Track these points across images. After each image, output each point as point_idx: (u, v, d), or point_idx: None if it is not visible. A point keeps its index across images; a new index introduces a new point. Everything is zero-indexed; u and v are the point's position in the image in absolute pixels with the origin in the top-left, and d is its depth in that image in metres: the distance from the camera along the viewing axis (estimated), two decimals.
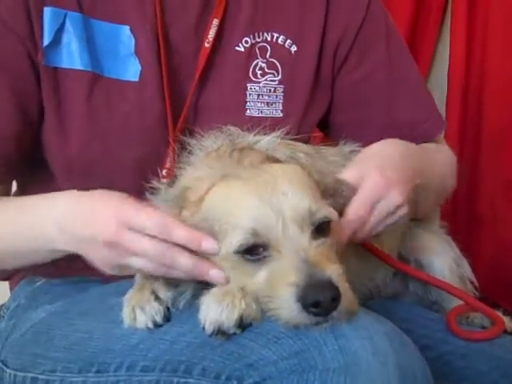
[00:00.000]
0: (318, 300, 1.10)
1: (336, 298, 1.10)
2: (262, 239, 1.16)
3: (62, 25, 1.44)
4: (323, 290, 1.10)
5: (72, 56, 1.45)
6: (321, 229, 1.20)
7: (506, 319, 1.51)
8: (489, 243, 2.56)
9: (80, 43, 1.44)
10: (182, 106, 1.50)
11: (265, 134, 1.42)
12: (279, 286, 1.13)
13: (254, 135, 1.42)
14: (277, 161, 1.34)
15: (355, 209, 1.30)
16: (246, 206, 1.18)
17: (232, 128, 1.43)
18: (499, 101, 2.54)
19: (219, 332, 1.16)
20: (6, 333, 1.54)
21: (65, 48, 1.44)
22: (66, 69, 1.45)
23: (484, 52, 2.55)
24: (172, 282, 1.27)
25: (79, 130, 1.46)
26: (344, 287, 1.13)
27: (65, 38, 1.44)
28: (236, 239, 1.17)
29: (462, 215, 2.58)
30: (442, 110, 2.49)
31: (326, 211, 1.20)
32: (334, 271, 1.13)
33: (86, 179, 1.47)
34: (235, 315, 1.14)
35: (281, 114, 1.58)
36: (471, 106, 2.60)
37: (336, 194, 1.29)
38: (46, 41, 1.42)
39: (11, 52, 1.42)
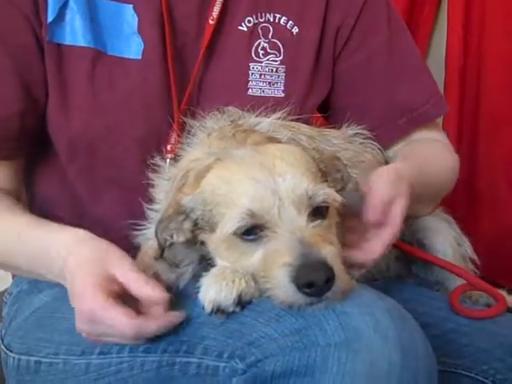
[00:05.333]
0: (312, 280, 1.09)
1: (330, 278, 1.10)
2: (258, 220, 1.15)
3: (66, 2, 1.46)
4: (317, 270, 1.10)
5: (75, 33, 1.46)
6: (319, 210, 1.19)
7: (509, 298, 1.50)
8: (488, 224, 2.55)
9: (83, 21, 1.46)
10: (186, 84, 1.50)
11: (266, 115, 1.43)
12: (274, 266, 1.13)
13: (256, 116, 1.42)
14: (278, 142, 1.33)
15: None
16: (244, 188, 1.17)
17: (232, 109, 1.43)
18: (498, 82, 2.51)
19: (218, 310, 1.16)
20: (9, 318, 1.55)
21: (68, 25, 1.46)
22: (69, 45, 1.46)
23: (482, 33, 2.51)
24: (174, 263, 1.28)
25: (81, 106, 1.46)
26: (339, 268, 1.12)
27: (68, 15, 1.46)
28: (233, 221, 1.16)
29: (461, 197, 2.57)
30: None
31: (325, 194, 1.18)
32: (328, 252, 1.12)
33: (89, 159, 1.48)
34: (234, 293, 1.15)
35: (282, 94, 1.57)
36: (469, 88, 2.57)
37: (333, 174, 1.27)
38: (50, 17, 1.44)
39: (16, 29, 1.44)
